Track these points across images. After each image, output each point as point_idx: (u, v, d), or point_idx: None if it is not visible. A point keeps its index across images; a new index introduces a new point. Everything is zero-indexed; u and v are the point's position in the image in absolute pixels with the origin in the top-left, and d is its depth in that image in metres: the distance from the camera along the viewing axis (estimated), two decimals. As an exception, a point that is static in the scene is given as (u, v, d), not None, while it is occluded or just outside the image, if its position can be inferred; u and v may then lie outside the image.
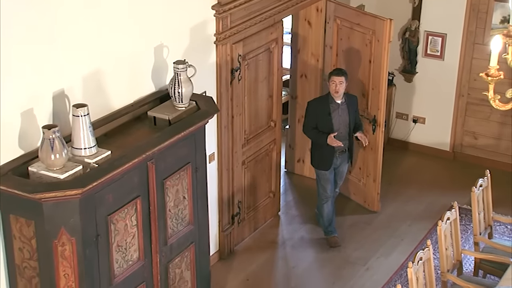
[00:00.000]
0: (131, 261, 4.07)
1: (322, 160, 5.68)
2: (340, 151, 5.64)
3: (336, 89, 5.46)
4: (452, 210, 4.80)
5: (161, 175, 4.17)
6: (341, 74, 5.48)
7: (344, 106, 5.58)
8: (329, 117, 5.53)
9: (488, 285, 4.51)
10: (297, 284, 5.46)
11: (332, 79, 5.49)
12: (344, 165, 5.80)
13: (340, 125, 5.57)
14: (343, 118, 5.58)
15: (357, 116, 5.74)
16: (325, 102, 5.57)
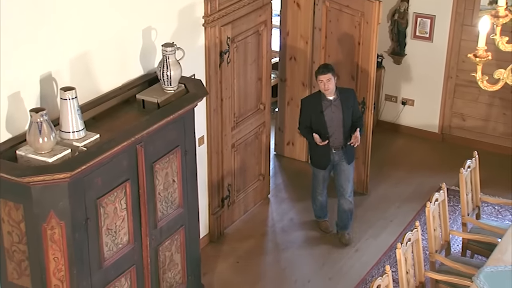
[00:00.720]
0: (121, 245, 4.08)
1: (318, 159, 5.53)
2: (336, 148, 5.44)
3: (325, 87, 5.30)
4: (440, 192, 4.83)
5: (150, 158, 4.16)
6: (326, 71, 5.29)
7: (337, 102, 5.37)
8: (322, 114, 5.36)
9: (475, 265, 4.55)
10: (287, 266, 5.50)
11: (319, 78, 5.32)
12: (344, 164, 5.51)
13: (333, 122, 5.38)
14: (336, 115, 5.38)
15: (355, 110, 5.48)
16: (317, 100, 5.39)
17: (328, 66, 5.36)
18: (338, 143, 5.42)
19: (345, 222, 5.67)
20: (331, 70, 5.30)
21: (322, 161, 5.50)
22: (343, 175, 5.54)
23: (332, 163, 5.51)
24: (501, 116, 6.94)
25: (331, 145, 5.40)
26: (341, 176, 5.55)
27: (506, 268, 4.22)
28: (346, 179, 5.55)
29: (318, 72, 5.33)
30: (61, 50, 3.95)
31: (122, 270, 4.12)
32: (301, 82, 6.67)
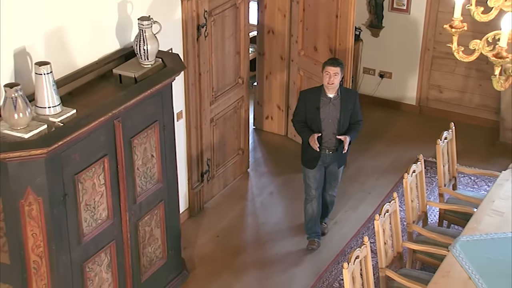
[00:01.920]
0: (100, 220, 4.07)
1: (308, 157, 5.14)
2: (330, 149, 5.07)
3: (330, 80, 4.88)
4: (417, 163, 4.88)
5: (128, 133, 4.14)
6: (336, 64, 4.90)
7: (336, 102, 4.97)
8: (317, 111, 4.97)
9: (452, 235, 4.62)
10: (267, 240, 5.53)
11: (326, 69, 4.90)
12: (335, 167, 5.20)
13: (328, 122, 4.99)
14: (332, 115, 4.98)
15: (354, 114, 5.07)
16: (316, 95, 4.99)
17: (338, 60, 5.00)
18: (331, 144, 5.06)
19: (324, 211, 5.48)
20: (340, 65, 4.93)
21: (310, 159, 5.11)
22: (332, 176, 5.27)
23: (324, 165, 5.15)
24: (477, 87, 7.00)
25: (324, 145, 5.04)
26: (330, 176, 5.27)
27: (481, 237, 4.29)
28: (334, 179, 5.29)
29: (326, 63, 4.95)
30: (35, 24, 3.88)
31: (101, 245, 4.12)
32: (279, 56, 6.65)
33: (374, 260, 4.69)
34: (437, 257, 4.45)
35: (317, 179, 5.19)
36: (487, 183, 6.08)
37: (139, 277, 4.51)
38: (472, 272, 3.98)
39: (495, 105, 6.85)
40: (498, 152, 6.53)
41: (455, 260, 4.10)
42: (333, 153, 5.07)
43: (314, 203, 5.25)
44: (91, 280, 4.11)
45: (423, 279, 4.25)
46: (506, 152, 6.48)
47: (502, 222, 4.42)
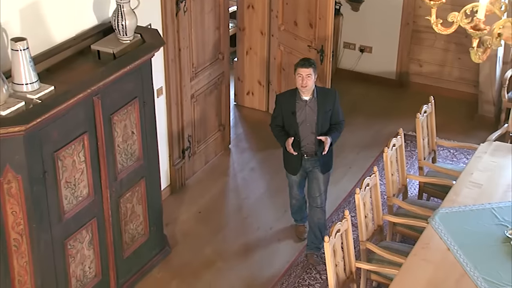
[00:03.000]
0: (81, 197, 4.06)
1: (288, 162, 4.89)
2: (309, 154, 4.77)
3: (303, 83, 4.57)
4: (397, 137, 4.91)
5: (108, 110, 4.11)
6: (308, 65, 4.58)
7: (313, 104, 4.66)
8: (293, 116, 4.67)
9: (431, 207, 4.68)
10: (249, 215, 5.56)
11: (298, 71, 4.60)
12: (317, 172, 4.83)
13: (305, 126, 4.70)
14: (309, 118, 4.67)
15: (335, 114, 4.75)
16: (292, 98, 4.70)
17: (310, 60, 4.65)
18: (310, 149, 4.75)
19: (314, 240, 4.96)
20: (312, 65, 4.61)
21: (292, 165, 4.86)
22: (314, 183, 4.87)
23: (305, 170, 4.87)
24: (456, 61, 7.04)
25: (303, 150, 4.75)
26: (312, 183, 4.88)
27: (460, 209, 4.35)
28: (317, 188, 4.87)
29: (298, 65, 4.63)
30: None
31: (83, 222, 4.11)
32: (259, 31, 6.62)
33: (355, 233, 4.74)
34: (416, 230, 4.51)
35: (299, 185, 4.99)
36: (466, 156, 6.15)
37: (121, 254, 4.51)
38: (451, 243, 4.04)
39: (474, 78, 6.90)
40: (477, 125, 6.60)
41: (434, 232, 4.15)
42: (312, 157, 4.77)
43: (298, 198, 5.07)
44: (73, 257, 4.11)
45: (403, 251, 4.31)
46: (484, 125, 6.54)
47: (480, 194, 4.48)
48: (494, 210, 4.31)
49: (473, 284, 3.74)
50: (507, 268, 3.84)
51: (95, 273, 4.33)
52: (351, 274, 4.18)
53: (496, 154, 4.93)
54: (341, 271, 4.08)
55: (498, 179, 4.64)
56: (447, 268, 3.87)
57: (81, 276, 4.22)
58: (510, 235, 4.07)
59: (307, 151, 4.77)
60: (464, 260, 3.91)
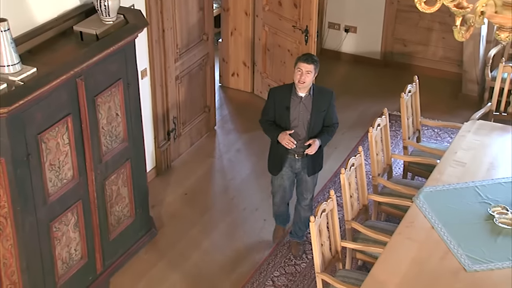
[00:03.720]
0: (66, 180, 4.04)
1: (272, 161, 4.68)
2: (300, 154, 4.57)
3: (301, 79, 4.37)
4: (382, 117, 4.93)
5: (92, 92, 4.09)
6: (310, 61, 4.38)
7: (307, 102, 4.48)
8: (287, 111, 4.48)
9: (416, 186, 4.72)
10: (235, 195, 5.57)
11: (298, 65, 4.39)
12: (305, 175, 4.68)
13: (298, 124, 4.51)
14: (302, 116, 4.49)
15: (329, 116, 4.57)
16: (287, 93, 4.49)
17: (313, 57, 4.46)
18: (300, 148, 4.55)
19: (298, 231, 4.92)
20: (315, 62, 4.42)
21: (277, 164, 4.64)
22: (303, 185, 4.72)
23: (294, 172, 4.67)
24: (440, 40, 7.05)
25: (293, 149, 4.55)
26: (301, 185, 4.74)
27: (444, 188, 4.39)
28: (307, 189, 4.74)
29: (300, 59, 4.43)
30: (-10, -20, 3.76)
31: (68, 205, 4.10)
32: (243, 11, 6.58)
33: (341, 213, 4.77)
34: (401, 208, 4.54)
35: (283, 188, 4.70)
36: (450, 135, 6.18)
37: (107, 236, 4.51)
38: (435, 222, 4.08)
39: (458, 58, 6.92)
40: (461, 104, 6.64)
41: (418, 211, 4.19)
42: (302, 158, 4.58)
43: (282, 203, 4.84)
44: (58, 240, 4.11)
45: (388, 230, 4.34)
46: (468, 103, 6.58)
47: (464, 172, 4.52)
48: (478, 188, 4.35)
49: (456, 261, 3.79)
50: (490, 245, 3.89)
51: (81, 255, 4.33)
52: (337, 253, 4.22)
53: (479, 132, 4.96)
54: (326, 250, 4.11)
55: (481, 158, 4.69)
56: (431, 246, 3.91)
57: (67, 258, 4.22)
58: (493, 212, 4.11)
59: (296, 150, 4.55)
60: (448, 238, 3.95)
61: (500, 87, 5.60)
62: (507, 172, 4.51)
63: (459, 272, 3.72)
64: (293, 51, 6.18)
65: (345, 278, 4.06)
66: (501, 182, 4.41)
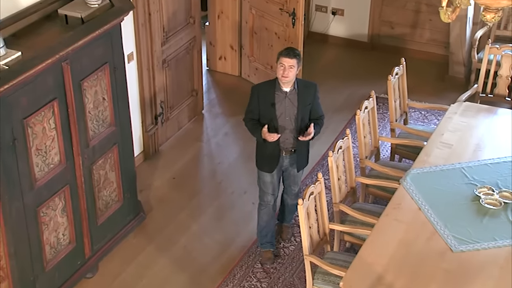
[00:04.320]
0: (53, 165, 4.03)
1: (264, 159, 4.54)
2: (288, 150, 4.50)
3: (284, 73, 4.27)
4: (369, 99, 4.94)
5: (78, 76, 4.06)
6: (293, 55, 4.27)
7: (293, 96, 4.38)
8: (272, 108, 4.36)
9: (403, 168, 4.74)
10: (223, 179, 5.57)
11: (280, 60, 4.28)
12: (294, 170, 4.63)
13: (285, 119, 4.40)
14: (289, 111, 4.39)
15: (315, 109, 4.48)
16: (270, 89, 4.38)
17: (295, 51, 4.33)
18: (289, 144, 4.47)
19: (286, 217, 4.90)
20: (297, 56, 4.30)
21: (268, 163, 4.53)
22: (291, 179, 4.68)
23: (281, 168, 4.59)
24: (427, 22, 7.06)
25: (281, 146, 4.47)
26: (289, 179, 4.69)
27: (431, 169, 4.41)
28: (294, 182, 4.70)
29: (282, 54, 4.32)
30: (-28, -37, 3.71)
31: (55, 190, 4.09)
32: (230, -6, 6.55)
33: (328, 195, 4.79)
34: (389, 191, 4.57)
35: (274, 184, 4.61)
36: (437, 117, 6.21)
37: (95, 220, 4.51)
38: (422, 203, 4.11)
39: (444, 40, 6.93)
40: (448, 86, 6.66)
41: (405, 193, 4.21)
42: (290, 154, 4.51)
43: (270, 209, 4.66)
44: (46, 225, 4.10)
45: (376, 212, 4.37)
46: (455, 85, 6.61)
47: (450, 154, 4.54)
48: (464, 170, 4.38)
49: (443, 242, 3.82)
50: (476, 226, 3.93)
51: (69, 240, 4.33)
52: (325, 236, 4.24)
53: (466, 114, 4.99)
54: (315, 233, 4.13)
55: (468, 139, 4.71)
56: (418, 227, 3.94)
57: (55, 243, 4.21)
58: (479, 193, 4.15)
59: (285, 147, 4.47)
60: (435, 219, 3.98)
61: (486, 68, 5.62)
62: (493, 153, 4.54)
63: (446, 252, 3.76)
64: (280, 34, 6.17)
65: (333, 260, 4.09)
66: (487, 163, 4.44)
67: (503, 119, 4.98)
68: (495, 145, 4.65)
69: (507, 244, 3.79)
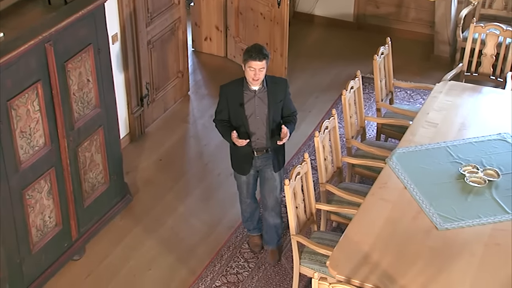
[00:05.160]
0: (37, 147, 4.00)
1: (238, 161, 4.37)
2: (259, 150, 4.28)
3: (255, 76, 4.05)
4: (355, 79, 4.94)
5: (61, 57, 4.02)
6: (262, 57, 4.02)
7: (263, 94, 4.16)
8: (242, 108, 4.15)
9: (389, 148, 4.76)
10: (210, 161, 5.57)
11: (249, 64, 4.04)
12: (269, 172, 4.36)
13: (256, 119, 4.20)
14: (260, 110, 4.17)
15: (286, 106, 4.27)
16: (238, 89, 4.16)
17: (263, 51, 4.04)
18: (261, 144, 4.26)
19: (271, 238, 4.57)
20: (266, 57, 4.04)
21: (242, 165, 4.35)
22: (266, 185, 4.40)
23: (256, 169, 4.38)
24: (412, 1, 7.05)
25: (253, 147, 4.26)
26: (264, 185, 4.42)
27: (416, 148, 4.44)
28: (269, 189, 4.41)
29: (250, 57, 4.03)
30: None
31: (40, 172, 4.07)
32: (215, -26, 6.50)
33: (315, 176, 4.81)
34: (375, 170, 4.59)
35: (250, 186, 4.45)
36: (422, 96, 6.23)
37: (82, 203, 4.50)
38: (408, 182, 4.13)
39: (430, 19, 6.93)
40: (433, 65, 6.68)
41: (391, 172, 4.24)
42: (263, 154, 4.29)
43: (251, 202, 4.54)
44: (32, 207, 4.08)
45: (362, 191, 4.39)
46: (440, 65, 6.62)
47: (435, 133, 4.57)
48: (449, 148, 4.41)
49: (428, 220, 3.85)
50: (461, 204, 3.96)
51: (56, 222, 4.32)
52: (312, 216, 4.26)
53: (451, 93, 5.01)
54: (301, 213, 4.15)
55: (453, 118, 4.74)
56: (404, 206, 3.97)
57: (41, 226, 4.20)
58: (464, 172, 4.18)
59: (257, 147, 4.25)
60: (420, 197, 4.01)
61: (471, 47, 5.64)
62: (478, 131, 4.57)
63: (431, 230, 3.79)
64: (266, 14, 6.14)
65: (319, 239, 4.11)
66: (472, 141, 4.47)
67: (487, 98, 5.01)
68: (480, 123, 4.68)
69: (491, 221, 3.83)
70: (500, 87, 5.48)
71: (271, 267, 4.56)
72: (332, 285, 3.27)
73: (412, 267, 3.55)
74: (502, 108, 4.85)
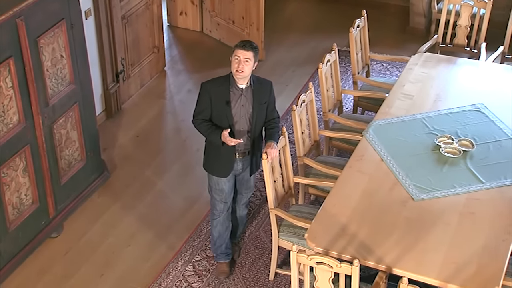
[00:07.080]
0: (11, 124, 3.95)
1: (216, 163, 4.09)
2: (242, 153, 4.06)
3: (239, 68, 3.83)
4: (332, 52, 4.93)
5: (33, 33, 3.96)
6: (249, 48, 3.84)
7: (248, 94, 3.95)
8: (228, 106, 3.92)
9: (365, 120, 4.78)
10: (188, 136, 5.55)
11: (236, 53, 3.85)
12: (247, 173, 4.19)
13: (240, 119, 3.98)
14: (244, 110, 3.97)
15: (270, 109, 4.08)
16: (224, 86, 3.93)
17: (252, 44, 3.89)
18: (243, 146, 4.04)
19: (234, 228, 4.44)
20: (254, 49, 3.86)
21: (222, 167, 4.08)
22: (244, 184, 4.25)
23: (234, 173, 4.14)
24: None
25: (236, 148, 4.03)
26: (242, 185, 4.25)
27: (392, 121, 4.46)
28: (247, 187, 4.28)
29: (237, 45, 3.88)
30: None
31: (15, 150, 4.03)
32: None
33: (293, 150, 4.82)
34: (352, 143, 4.61)
35: (226, 191, 4.15)
36: (398, 69, 6.25)
37: (58, 180, 4.46)
38: (384, 154, 4.16)
39: (405, -9, 6.94)
40: (409, 37, 6.69)
41: (368, 144, 4.26)
42: (244, 157, 4.08)
43: (223, 219, 4.25)
44: (8, 185, 4.04)
45: (339, 164, 4.42)
46: (415, 37, 6.64)
47: (411, 105, 4.59)
48: (425, 120, 4.44)
49: (404, 191, 3.89)
50: (436, 174, 4.01)
51: (32, 200, 4.28)
52: (290, 189, 4.28)
53: (426, 65, 5.03)
54: (279, 186, 4.17)
55: (428, 90, 4.77)
56: (381, 177, 4.00)
57: (18, 204, 4.17)
58: (439, 142, 4.22)
59: (239, 149, 4.04)
60: (397, 169, 4.04)
61: (446, 19, 5.65)
62: (453, 103, 4.61)
63: (407, 201, 3.83)
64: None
65: (298, 212, 4.14)
66: (447, 113, 4.51)
67: (462, 69, 5.04)
68: (455, 94, 4.71)
69: (466, 191, 3.88)
70: (475, 58, 5.52)
71: (250, 241, 4.58)
72: (311, 257, 3.31)
73: (389, 237, 3.59)
74: (477, 79, 4.89)
